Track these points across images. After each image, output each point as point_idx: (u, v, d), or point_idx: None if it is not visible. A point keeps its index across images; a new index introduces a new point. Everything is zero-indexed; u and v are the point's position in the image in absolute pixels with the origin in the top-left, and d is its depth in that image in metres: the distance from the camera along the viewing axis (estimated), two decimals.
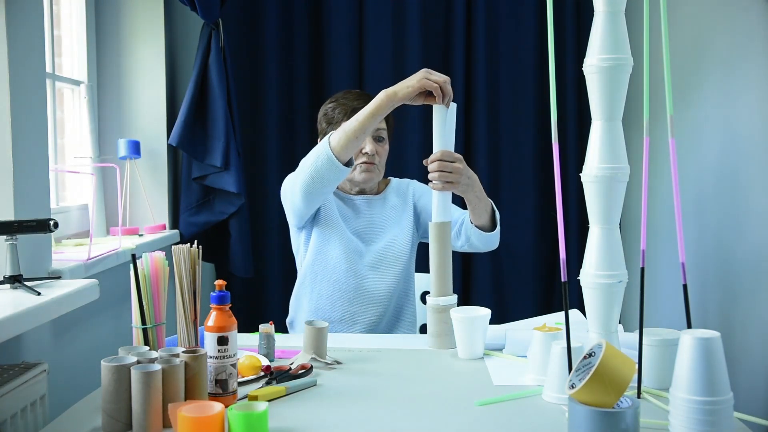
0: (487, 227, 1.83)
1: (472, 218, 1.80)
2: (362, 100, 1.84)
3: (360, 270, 1.89)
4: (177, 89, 2.60)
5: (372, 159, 1.90)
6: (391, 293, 1.91)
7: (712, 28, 2.01)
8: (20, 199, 1.52)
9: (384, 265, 1.91)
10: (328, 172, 1.69)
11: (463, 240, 1.85)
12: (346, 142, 1.66)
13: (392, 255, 1.92)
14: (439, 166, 1.63)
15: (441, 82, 1.61)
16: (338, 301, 1.88)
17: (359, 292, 1.89)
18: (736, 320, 1.85)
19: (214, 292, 1.23)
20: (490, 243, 1.87)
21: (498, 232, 1.86)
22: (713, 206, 1.98)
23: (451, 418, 1.17)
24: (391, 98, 1.62)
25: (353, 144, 1.67)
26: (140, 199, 2.43)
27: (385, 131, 1.94)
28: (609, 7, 1.23)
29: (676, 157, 1.20)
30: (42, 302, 1.33)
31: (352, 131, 1.65)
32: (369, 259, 1.91)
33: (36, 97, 1.62)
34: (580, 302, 1.33)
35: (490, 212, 1.82)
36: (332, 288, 1.89)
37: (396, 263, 1.92)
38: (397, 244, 1.93)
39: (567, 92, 2.78)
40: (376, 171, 1.93)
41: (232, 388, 1.22)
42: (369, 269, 1.90)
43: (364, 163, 1.90)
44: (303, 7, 2.77)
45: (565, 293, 1.16)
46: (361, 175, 1.92)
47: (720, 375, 1.02)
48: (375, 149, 1.90)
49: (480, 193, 1.74)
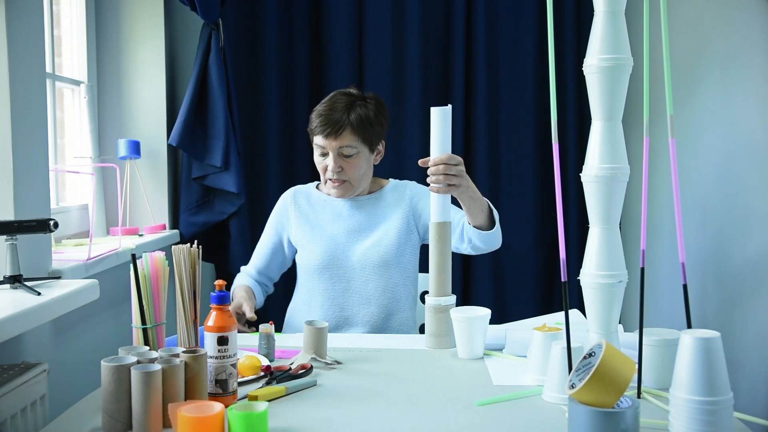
0: (485, 226, 1.80)
1: (469, 219, 1.78)
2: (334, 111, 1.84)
3: (347, 273, 1.91)
4: (177, 89, 2.60)
5: (340, 176, 1.87)
6: (380, 293, 1.90)
7: (712, 28, 2.01)
8: (20, 199, 1.52)
9: (370, 264, 1.90)
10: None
11: (466, 243, 1.83)
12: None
13: (377, 254, 1.90)
14: (445, 170, 1.62)
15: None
16: (330, 309, 1.91)
17: (348, 295, 1.91)
18: (736, 320, 1.85)
19: (214, 292, 1.23)
20: (492, 242, 1.84)
21: (498, 230, 1.83)
22: (713, 206, 1.98)
23: (451, 418, 1.17)
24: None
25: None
26: (140, 199, 2.43)
27: (351, 147, 1.85)
28: (609, 7, 1.23)
29: (676, 157, 1.20)
30: (42, 302, 1.33)
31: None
32: (355, 259, 1.91)
33: (36, 97, 1.62)
34: (580, 302, 1.33)
35: (487, 211, 1.79)
36: (323, 297, 1.92)
37: (382, 262, 1.90)
38: (383, 244, 1.91)
39: (567, 92, 2.78)
40: (349, 187, 1.90)
41: (232, 388, 1.22)
42: (355, 269, 1.91)
43: (331, 180, 1.89)
44: (303, 7, 2.77)
45: (565, 293, 1.16)
46: (332, 191, 1.93)
47: (720, 375, 1.02)
48: (339, 166, 1.86)
49: (474, 194, 1.71)
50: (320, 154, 1.88)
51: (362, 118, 1.85)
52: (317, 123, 1.86)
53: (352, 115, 1.84)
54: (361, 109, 1.86)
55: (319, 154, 1.89)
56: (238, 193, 2.48)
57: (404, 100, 2.78)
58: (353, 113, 1.85)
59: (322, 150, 1.87)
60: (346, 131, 1.83)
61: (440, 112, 1.63)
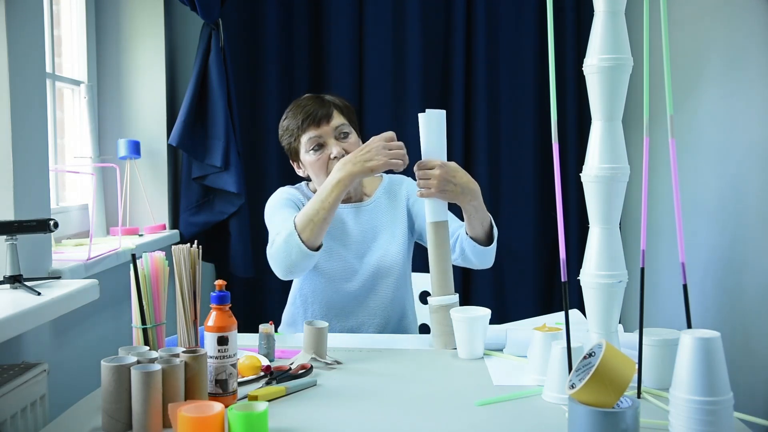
0: (481, 240, 1.77)
1: (467, 228, 1.75)
2: (314, 103, 1.81)
3: (352, 288, 1.84)
4: (177, 89, 2.60)
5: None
6: (387, 305, 1.85)
7: (712, 28, 2.01)
8: (20, 199, 1.52)
9: (379, 277, 1.85)
10: (304, 262, 1.65)
11: (457, 252, 1.80)
12: (318, 231, 1.63)
13: (386, 267, 1.85)
14: (418, 175, 1.63)
15: (401, 154, 1.62)
16: (333, 320, 1.85)
17: (353, 309, 1.85)
18: (736, 320, 1.85)
19: (214, 292, 1.23)
20: (484, 259, 1.80)
21: (493, 249, 1.79)
22: (713, 206, 1.98)
23: (451, 418, 1.17)
24: (353, 177, 1.62)
25: (324, 229, 1.64)
26: (140, 199, 2.43)
27: (346, 125, 1.81)
28: (609, 7, 1.23)
29: (676, 157, 1.20)
30: (42, 302, 1.33)
31: (321, 219, 1.62)
32: (363, 275, 1.84)
33: (36, 97, 1.62)
34: (580, 302, 1.33)
35: (488, 228, 1.76)
36: (325, 309, 1.85)
37: (390, 275, 1.85)
38: (390, 254, 1.86)
39: (567, 92, 2.78)
40: None
41: (232, 388, 1.22)
42: (362, 286, 1.84)
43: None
44: (303, 7, 2.77)
45: (565, 293, 1.16)
46: None
47: (720, 375, 1.02)
48: (342, 149, 1.78)
49: (478, 204, 1.68)
50: (315, 146, 1.79)
51: (340, 101, 1.86)
52: (303, 118, 1.80)
53: (331, 100, 1.84)
54: (332, 98, 1.86)
55: (314, 148, 1.79)
56: (238, 193, 2.48)
57: (404, 99, 2.78)
58: (329, 100, 1.84)
59: (317, 141, 1.79)
60: (335, 112, 1.81)
61: (426, 117, 1.62)
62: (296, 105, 1.86)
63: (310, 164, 1.82)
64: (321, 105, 1.82)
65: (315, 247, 1.64)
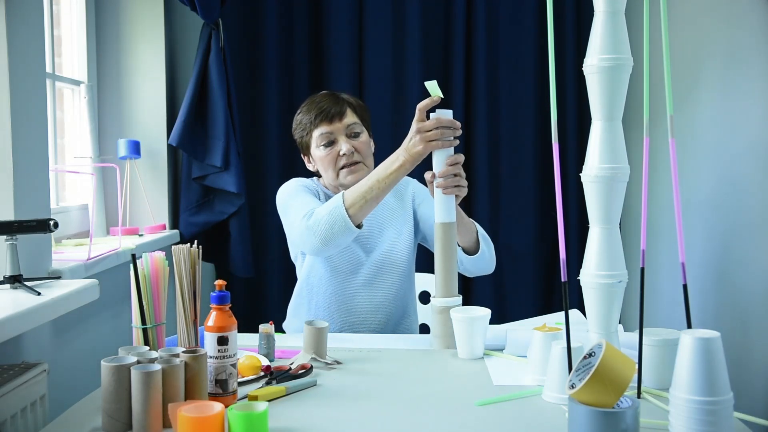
0: (471, 248, 1.78)
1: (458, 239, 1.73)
2: (328, 100, 1.85)
3: (358, 281, 1.85)
4: (177, 89, 2.60)
5: (352, 158, 1.82)
6: (390, 300, 1.87)
7: (712, 28, 2.01)
8: (20, 199, 1.52)
9: (384, 273, 1.86)
10: (344, 237, 1.63)
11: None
12: (367, 208, 1.62)
13: (391, 263, 1.87)
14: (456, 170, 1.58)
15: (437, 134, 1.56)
16: (336, 313, 1.85)
17: (357, 302, 1.86)
18: (736, 320, 1.85)
19: (214, 292, 1.23)
20: (482, 266, 1.81)
21: (485, 254, 1.79)
22: (713, 206, 1.98)
23: (451, 418, 1.17)
24: (416, 159, 1.58)
25: (372, 207, 1.64)
26: (140, 199, 2.43)
27: (358, 125, 1.85)
28: (609, 7, 1.23)
29: (676, 157, 1.20)
30: (42, 302, 1.33)
31: (373, 197, 1.61)
32: (368, 268, 1.86)
33: (36, 97, 1.62)
34: (580, 302, 1.33)
35: (475, 234, 1.77)
36: (329, 300, 1.86)
37: (395, 270, 1.87)
38: (396, 250, 1.88)
39: (567, 92, 2.78)
40: (363, 169, 1.84)
41: (232, 388, 1.22)
42: (368, 279, 1.86)
43: (347, 165, 1.82)
44: (303, 7, 2.77)
45: (565, 293, 1.16)
46: (348, 178, 1.82)
47: (720, 375, 1.02)
48: (352, 146, 1.82)
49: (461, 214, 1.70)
50: (327, 142, 1.83)
51: (355, 101, 1.90)
52: (316, 113, 1.84)
53: (347, 99, 1.89)
54: (348, 96, 1.91)
55: (325, 144, 1.83)
56: (238, 193, 2.48)
57: (404, 99, 2.78)
58: (344, 98, 1.89)
59: (328, 137, 1.82)
60: (348, 110, 1.86)
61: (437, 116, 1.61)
62: (311, 101, 1.90)
63: (319, 159, 1.86)
64: (335, 102, 1.86)
65: (358, 224, 1.64)
